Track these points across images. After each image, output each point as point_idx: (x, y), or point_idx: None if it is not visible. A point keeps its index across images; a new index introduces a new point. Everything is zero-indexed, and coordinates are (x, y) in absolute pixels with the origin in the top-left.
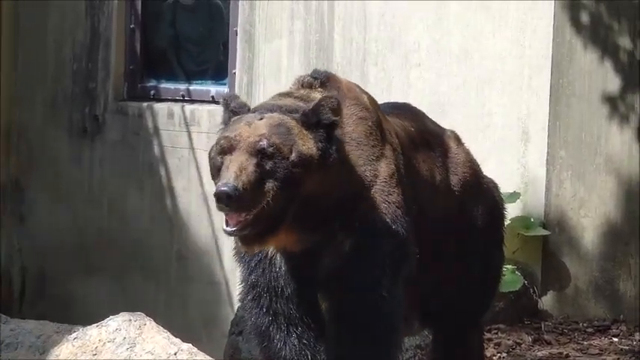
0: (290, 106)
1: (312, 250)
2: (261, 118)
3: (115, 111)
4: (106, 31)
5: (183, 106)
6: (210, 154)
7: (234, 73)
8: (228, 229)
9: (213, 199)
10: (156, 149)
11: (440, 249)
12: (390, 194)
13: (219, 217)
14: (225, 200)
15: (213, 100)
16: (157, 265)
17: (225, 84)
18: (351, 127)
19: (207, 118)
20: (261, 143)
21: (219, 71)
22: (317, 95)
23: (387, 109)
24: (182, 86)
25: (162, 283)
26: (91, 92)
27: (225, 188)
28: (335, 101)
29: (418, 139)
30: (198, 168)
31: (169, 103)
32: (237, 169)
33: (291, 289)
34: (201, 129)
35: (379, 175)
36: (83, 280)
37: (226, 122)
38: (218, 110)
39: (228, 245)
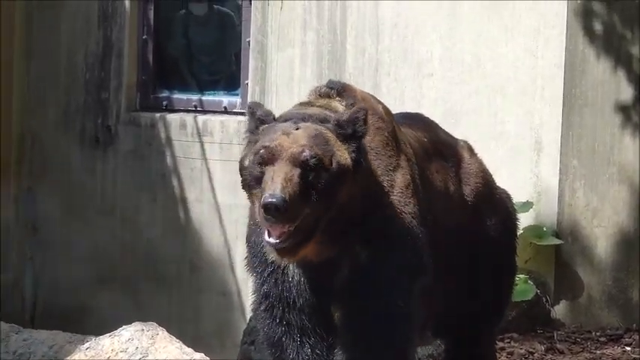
0: (319, 115)
1: (328, 260)
2: (297, 128)
3: (128, 121)
4: (119, 42)
5: (195, 117)
6: (243, 163)
7: (247, 83)
8: (272, 240)
9: (261, 210)
10: (168, 160)
11: (453, 259)
12: (407, 205)
13: (232, 227)
14: (274, 212)
15: (226, 111)
16: (170, 275)
17: (237, 94)
18: (370, 137)
19: (220, 129)
20: (304, 154)
21: (232, 82)
22: (337, 104)
23: (400, 120)
24: (194, 97)
25: (175, 293)
26: (103, 102)
27: (273, 200)
28: (365, 112)
29: (431, 149)
30: (210, 178)
31: (182, 113)
32: (283, 180)
33: (304, 299)
34: (214, 139)
35: (395, 185)
36: (95, 289)
37: (252, 130)
38: (231, 121)
39: (240, 255)
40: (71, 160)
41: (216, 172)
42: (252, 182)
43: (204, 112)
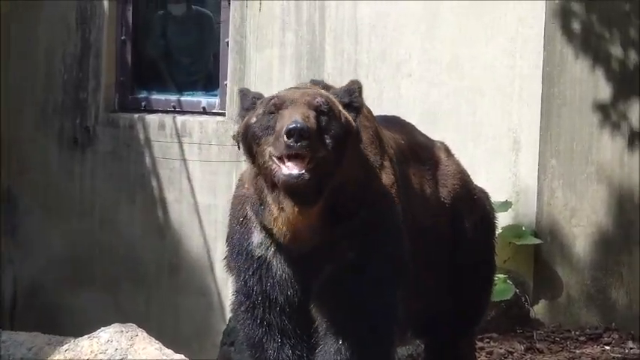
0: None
1: (314, 254)
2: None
3: (106, 122)
4: (97, 42)
5: (174, 117)
6: (249, 122)
7: (226, 84)
8: (295, 172)
9: (282, 138)
10: (147, 160)
11: (431, 260)
12: (393, 204)
13: (211, 228)
14: (298, 137)
15: (205, 111)
16: (149, 276)
17: (216, 95)
18: None
19: (199, 129)
20: (317, 100)
21: (211, 82)
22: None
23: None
24: (173, 97)
25: (154, 294)
26: (81, 103)
27: (297, 125)
28: (360, 85)
29: (408, 151)
30: (189, 179)
31: (160, 114)
32: (301, 114)
33: (285, 296)
34: (193, 140)
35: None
36: (75, 291)
37: (248, 107)
38: (209, 121)
39: (219, 255)
40: (50, 161)
41: (195, 173)
42: (260, 133)
43: (183, 112)
